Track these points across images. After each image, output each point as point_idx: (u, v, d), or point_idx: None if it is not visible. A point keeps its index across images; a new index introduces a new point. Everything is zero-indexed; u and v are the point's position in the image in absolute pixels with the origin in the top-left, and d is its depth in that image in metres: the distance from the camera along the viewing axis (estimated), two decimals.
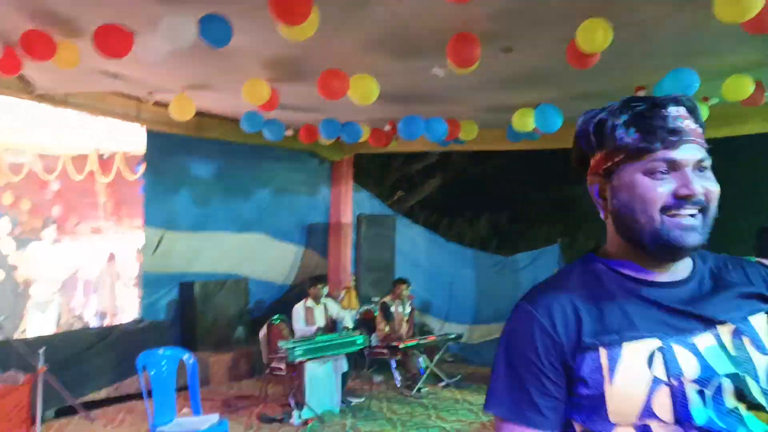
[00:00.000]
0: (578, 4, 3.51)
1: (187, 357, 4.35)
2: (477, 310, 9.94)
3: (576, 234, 12.89)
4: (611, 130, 1.04)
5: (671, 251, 1.02)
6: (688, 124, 1.02)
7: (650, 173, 1.00)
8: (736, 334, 0.99)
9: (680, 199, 0.99)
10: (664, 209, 1.00)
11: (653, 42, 4.06)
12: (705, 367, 0.96)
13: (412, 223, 10.24)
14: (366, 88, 4.71)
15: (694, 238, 0.99)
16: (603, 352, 0.99)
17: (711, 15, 3.16)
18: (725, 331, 0.99)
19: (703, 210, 1.00)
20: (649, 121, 1.01)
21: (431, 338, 7.46)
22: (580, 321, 1.02)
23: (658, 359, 0.97)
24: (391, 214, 9.79)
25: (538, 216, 13.71)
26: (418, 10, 3.73)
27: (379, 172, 12.31)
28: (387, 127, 6.86)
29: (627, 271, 1.07)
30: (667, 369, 0.96)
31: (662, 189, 1.00)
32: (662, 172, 1.00)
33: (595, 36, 3.56)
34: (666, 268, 1.05)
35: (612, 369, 0.97)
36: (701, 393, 0.94)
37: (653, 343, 0.98)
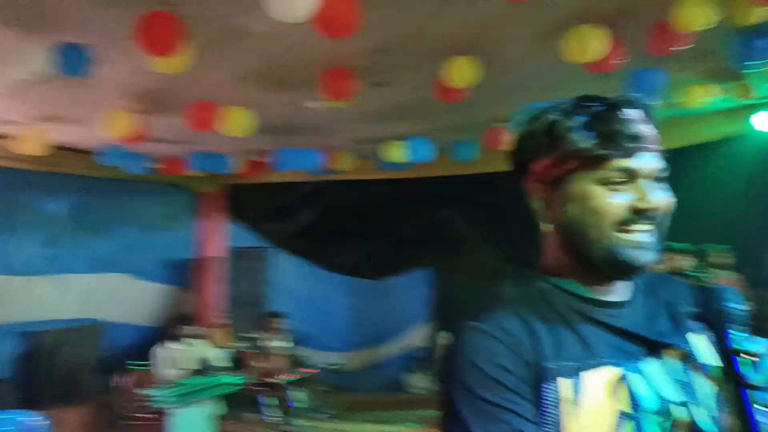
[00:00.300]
0: (446, 42, 3.72)
1: (30, 419, 3.86)
2: (354, 337, 9.96)
3: (449, 257, 13.45)
4: (564, 133, 0.92)
5: (623, 271, 0.92)
6: (647, 129, 0.92)
7: (605, 184, 0.90)
8: (681, 357, 0.92)
9: (637, 214, 0.90)
10: (619, 224, 0.90)
11: (515, 78, 4.40)
12: (658, 396, 0.89)
13: (288, 254, 10.08)
14: (238, 120, 4.61)
15: (648, 257, 0.91)
16: (563, 383, 0.87)
17: (557, 53, 3.50)
18: (670, 355, 0.93)
19: (658, 225, 0.92)
20: (608, 125, 0.90)
21: (308, 371, 7.33)
22: (538, 342, 0.89)
23: (623, 390, 0.88)
24: (264, 245, 9.56)
25: (413, 240, 14.14)
26: (292, 44, 3.73)
27: (256, 203, 12.01)
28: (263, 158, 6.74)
29: (574, 290, 0.95)
30: (631, 400, 0.88)
31: (618, 202, 0.90)
32: (618, 183, 0.90)
33: (462, 72, 3.78)
34: (610, 286, 0.96)
35: (575, 402, 0.86)
36: (658, 425, 0.87)
37: (614, 372, 0.89)
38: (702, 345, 0.94)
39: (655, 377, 0.91)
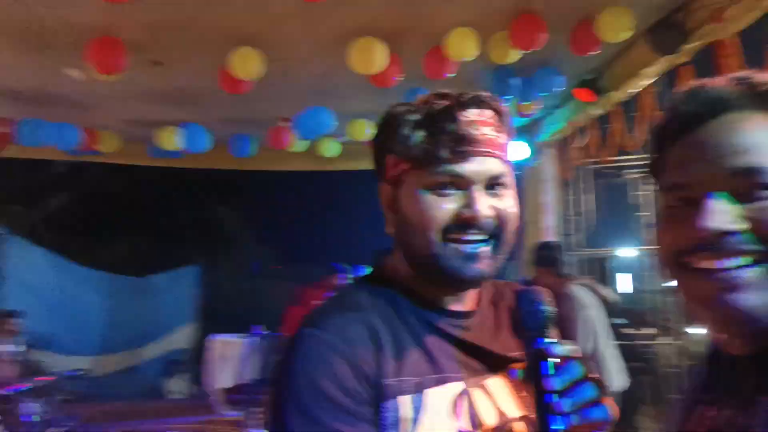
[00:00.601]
0: (232, 31, 3.60)
1: None
2: (108, 339, 9.04)
3: (217, 256, 12.99)
4: (398, 130, 0.88)
5: (450, 282, 0.88)
6: (487, 132, 0.86)
7: (433, 188, 0.85)
8: (524, 371, 0.86)
9: (463, 223, 0.85)
10: (444, 233, 0.85)
11: (302, 79, 4.42)
12: (498, 412, 0.87)
13: (31, 245, 8.72)
14: None
15: (477, 270, 0.86)
16: (404, 402, 0.82)
17: (344, 62, 3.62)
18: (515, 368, 0.88)
19: (495, 236, 0.87)
20: (438, 124, 0.85)
21: (45, 378, 6.39)
22: (382, 354, 0.83)
23: (463, 407, 0.85)
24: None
25: (179, 236, 13.33)
26: (55, 3, 3.25)
27: None
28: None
29: (418, 297, 0.91)
30: (471, 418, 0.84)
31: (446, 208, 0.85)
32: (446, 188, 0.85)
33: (247, 64, 3.69)
34: (457, 294, 0.92)
35: (415, 421, 0.81)
36: None
37: (456, 388, 0.86)
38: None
39: (498, 392, 0.89)
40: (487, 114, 0.88)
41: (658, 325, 8.22)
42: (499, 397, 0.89)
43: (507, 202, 0.88)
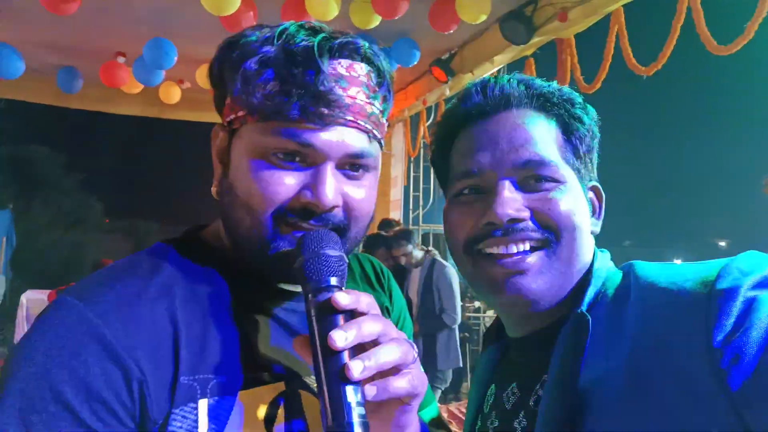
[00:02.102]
0: None
1: None
2: None
3: (32, 200, 11.58)
4: (242, 65, 0.67)
5: (277, 274, 0.71)
6: (356, 94, 0.68)
7: (275, 153, 0.67)
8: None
9: (303, 208, 0.67)
10: (279, 215, 0.67)
11: (138, 9, 3.96)
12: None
13: None
14: None
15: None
16: (202, 407, 0.63)
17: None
18: None
19: (339, 230, 0.69)
20: (294, 69, 0.65)
21: None
22: (176, 342, 0.64)
23: (281, 412, 0.69)
24: None
25: None
26: None
27: None
28: None
29: (241, 273, 0.72)
30: (292, 428, 0.69)
31: (285, 185, 0.67)
32: (290, 159, 0.67)
33: None
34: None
35: (217, 430, 0.64)
36: None
37: (275, 389, 0.69)
38: None
39: None
40: (362, 70, 0.69)
41: None
42: None
43: (363, 191, 0.71)
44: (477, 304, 9.32)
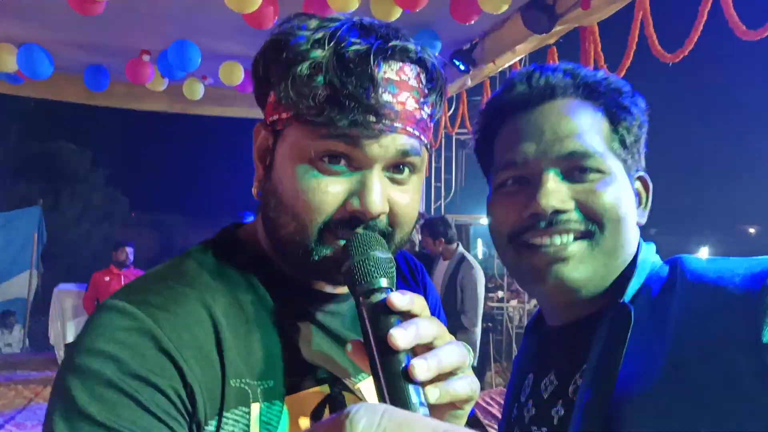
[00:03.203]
0: None
1: None
2: None
3: (60, 195, 11.83)
4: (291, 66, 0.64)
5: (321, 279, 0.72)
6: (407, 101, 0.66)
7: (321, 157, 0.65)
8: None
9: (349, 217, 0.66)
10: (328, 224, 0.66)
11: (163, 8, 4.02)
12: None
13: None
14: None
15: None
16: (256, 409, 0.64)
17: None
18: None
19: (386, 235, 0.68)
20: (346, 76, 0.63)
21: None
22: (221, 346, 0.64)
23: (326, 415, 0.69)
24: None
25: (14, 171, 11.94)
26: None
27: None
28: None
29: (281, 275, 0.73)
30: None
31: (332, 193, 0.65)
32: (337, 163, 0.65)
33: None
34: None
35: None
36: None
37: (321, 392, 0.70)
38: None
39: (372, 395, 0.73)
40: (412, 72, 0.67)
41: (508, 288, 8.88)
42: (372, 400, 0.73)
43: (409, 196, 0.69)
44: (501, 294, 9.30)
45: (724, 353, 0.60)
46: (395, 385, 0.54)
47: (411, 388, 0.54)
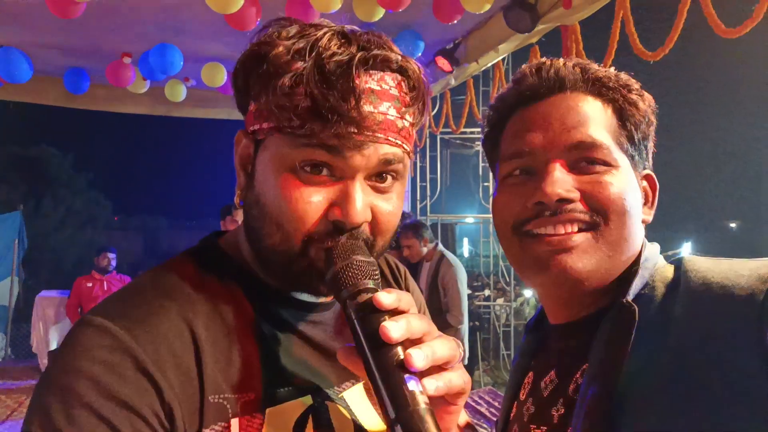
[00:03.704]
0: None
1: None
2: None
3: (42, 199, 11.67)
4: (272, 78, 0.64)
5: (304, 289, 0.72)
6: (387, 109, 0.66)
7: (302, 166, 0.65)
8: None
9: (335, 225, 0.66)
10: (312, 234, 0.66)
11: (144, 10, 3.98)
12: (357, 428, 0.72)
13: None
14: None
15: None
16: (236, 424, 0.64)
17: None
18: None
19: (368, 242, 0.68)
20: (328, 88, 0.62)
21: None
22: (200, 361, 0.63)
23: (309, 425, 0.69)
24: None
25: None
26: None
27: None
28: None
29: (262, 284, 0.73)
30: None
31: (314, 202, 0.65)
32: (319, 172, 0.65)
33: None
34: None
35: None
36: None
37: (303, 403, 0.69)
38: None
39: (358, 405, 0.74)
40: (393, 81, 0.66)
41: (494, 287, 8.93)
42: (360, 411, 0.74)
43: (392, 203, 0.69)
44: (487, 292, 9.34)
45: (729, 354, 0.60)
46: (392, 378, 0.54)
47: (409, 379, 0.54)
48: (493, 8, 3.64)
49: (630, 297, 0.71)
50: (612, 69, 0.80)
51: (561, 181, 0.72)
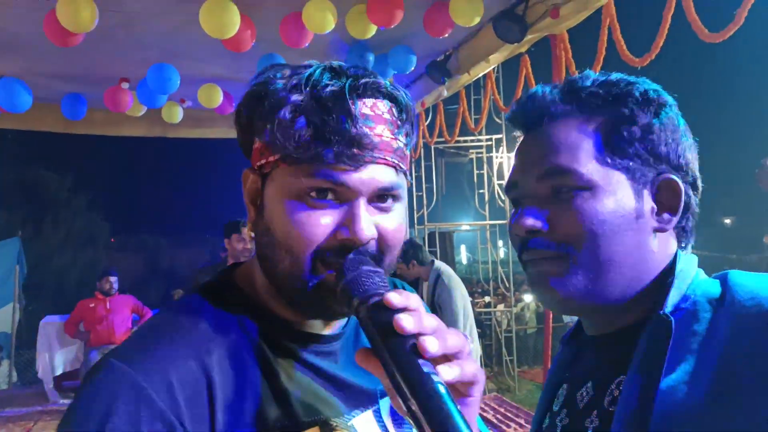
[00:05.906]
0: None
1: None
2: None
3: (41, 223, 11.69)
4: (274, 114, 0.69)
5: (318, 315, 0.76)
6: (383, 132, 0.70)
7: (308, 193, 0.69)
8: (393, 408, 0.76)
9: (340, 246, 0.69)
10: (319, 255, 0.69)
11: (141, 35, 4.04)
12: None
13: None
14: None
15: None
16: None
17: (195, 21, 3.38)
18: (386, 405, 0.79)
19: (376, 259, 0.71)
20: (326, 115, 0.67)
21: None
22: (212, 399, 0.67)
23: None
24: None
25: None
26: None
27: None
28: None
29: (273, 317, 0.76)
30: None
31: (322, 225, 0.69)
32: (324, 198, 0.69)
33: (78, 14, 3.28)
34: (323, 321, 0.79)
35: None
36: None
37: None
38: None
39: (364, 430, 0.76)
40: (384, 107, 0.71)
41: (494, 293, 8.96)
42: None
43: (394, 220, 0.73)
44: (487, 299, 9.36)
45: None
46: (409, 363, 0.56)
47: (424, 364, 0.56)
48: (483, 20, 3.71)
49: (667, 309, 0.70)
50: (612, 76, 0.78)
51: (525, 217, 0.75)
